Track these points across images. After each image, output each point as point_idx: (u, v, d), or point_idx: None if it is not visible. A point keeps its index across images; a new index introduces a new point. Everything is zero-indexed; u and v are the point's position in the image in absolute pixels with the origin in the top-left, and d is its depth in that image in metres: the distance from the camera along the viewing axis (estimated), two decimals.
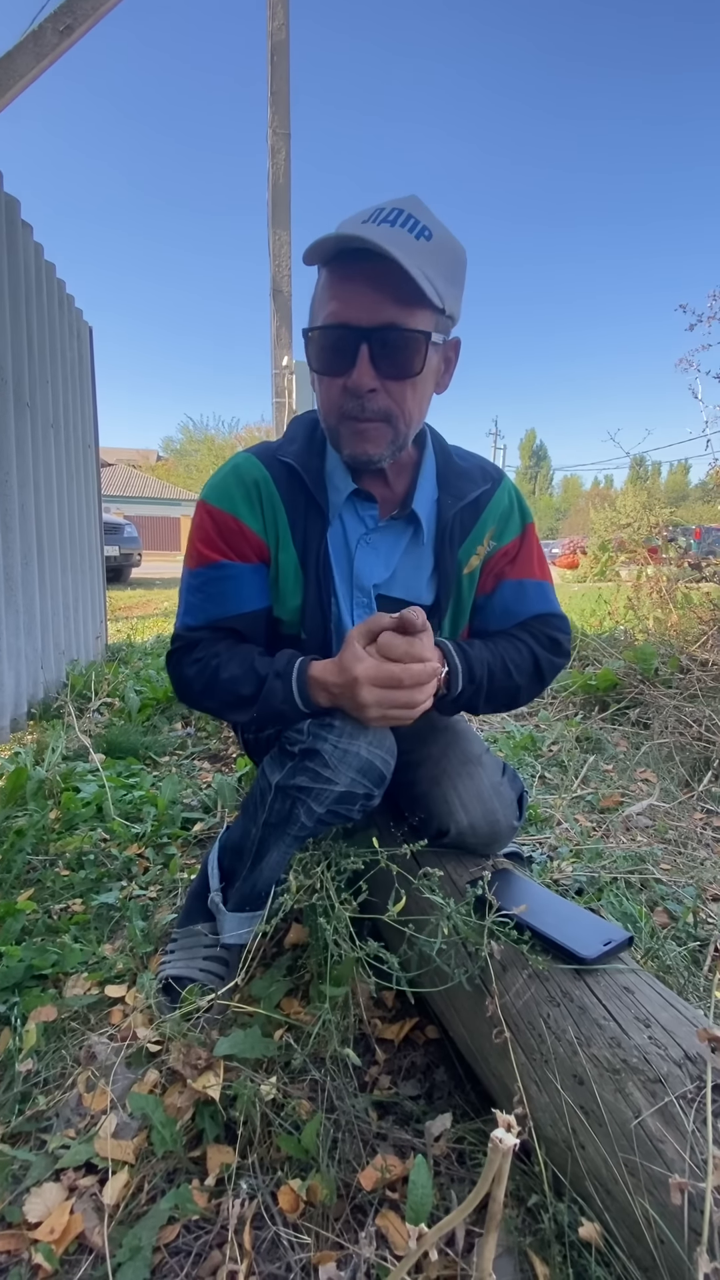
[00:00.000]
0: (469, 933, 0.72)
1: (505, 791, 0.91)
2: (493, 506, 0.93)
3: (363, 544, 0.89)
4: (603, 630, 3.38)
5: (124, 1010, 0.91)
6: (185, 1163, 0.69)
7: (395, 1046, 0.86)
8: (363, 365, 0.74)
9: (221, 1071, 0.74)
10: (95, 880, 1.23)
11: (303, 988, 0.93)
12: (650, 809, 1.59)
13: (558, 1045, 0.62)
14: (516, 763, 1.91)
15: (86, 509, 3.27)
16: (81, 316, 3.24)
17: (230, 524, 0.87)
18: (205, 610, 0.89)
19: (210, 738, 2.14)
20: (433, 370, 0.80)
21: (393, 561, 0.90)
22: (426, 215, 0.74)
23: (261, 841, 0.85)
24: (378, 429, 0.78)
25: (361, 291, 0.73)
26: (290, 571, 0.89)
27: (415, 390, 0.78)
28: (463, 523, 0.91)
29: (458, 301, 0.78)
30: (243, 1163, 0.68)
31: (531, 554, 0.97)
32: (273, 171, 4.91)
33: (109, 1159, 0.68)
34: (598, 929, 0.71)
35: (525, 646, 0.92)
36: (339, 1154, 0.68)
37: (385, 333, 0.73)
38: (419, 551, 0.91)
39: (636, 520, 4.20)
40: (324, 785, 0.78)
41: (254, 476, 0.88)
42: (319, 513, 0.87)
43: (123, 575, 9.44)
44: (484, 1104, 0.75)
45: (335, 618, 0.89)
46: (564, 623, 0.97)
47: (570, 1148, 0.57)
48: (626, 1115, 0.54)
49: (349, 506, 0.89)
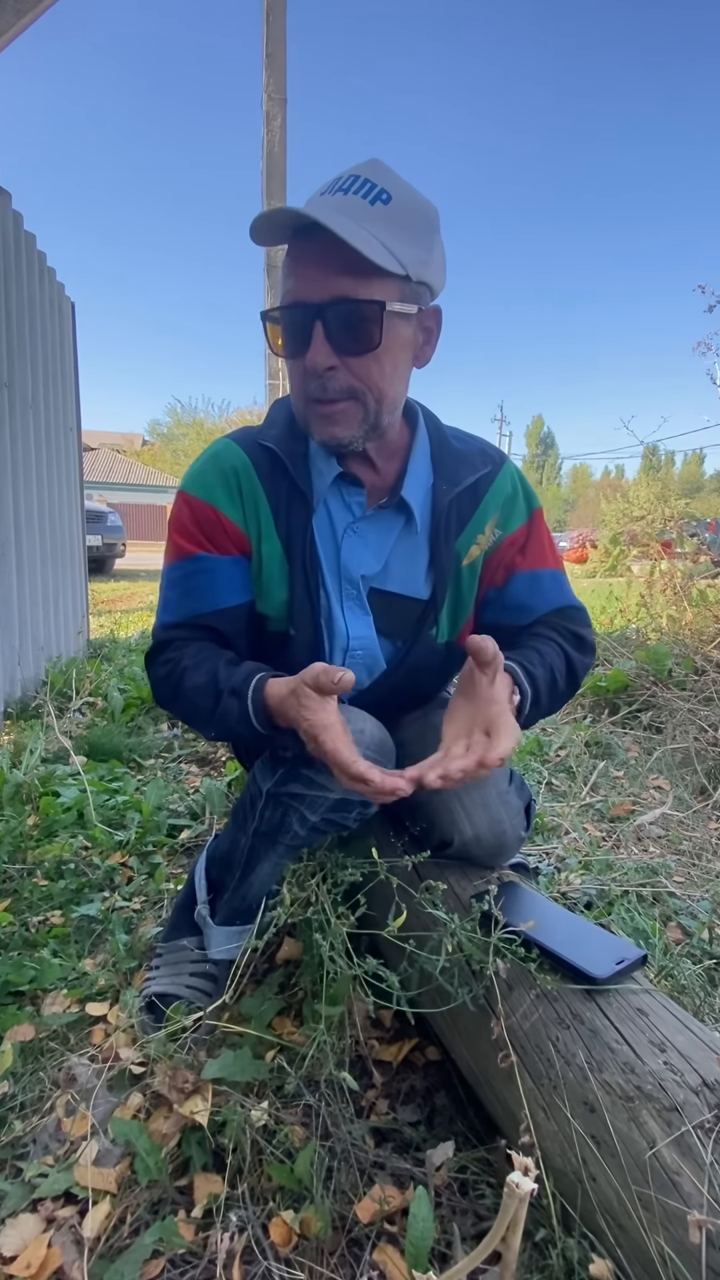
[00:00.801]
0: (473, 950, 0.72)
1: (512, 800, 0.90)
2: (494, 492, 0.92)
3: (350, 533, 0.88)
4: (614, 629, 3.39)
5: (106, 1030, 0.90)
6: (171, 1193, 0.69)
7: (394, 1069, 0.86)
8: (317, 343, 0.73)
9: (210, 1095, 0.74)
10: (75, 891, 1.23)
11: (296, 1006, 0.93)
12: (663, 818, 1.59)
13: (567, 1070, 0.61)
14: (522, 768, 1.91)
15: (67, 496, 3.26)
16: (63, 291, 3.22)
17: (208, 514, 0.86)
18: (183, 606, 0.89)
19: (198, 740, 2.13)
20: (405, 342, 0.77)
21: (384, 553, 0.89)
22: (386, 177, 0.73)
23: (252, 851, 0.85)
24: (345, 410, 0.77)
25: (312, 267, 0.72)
26: (274, 563, 0.88)
27: (382, 365, 0.76)
28: (460, 510, 0.90)
29: (430, 266, 0.76)
30: (232, 1193, 0.68)
31: (543, 541, 0.96)
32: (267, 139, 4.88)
33: (89, 1188, 0.67)
34: (609, 946, 0.71)
35: (559, 649, 0.89)
36: (334, 1184, 0.68)
37: (337, 306, 0.72)
38: (413, 542, 0.90)
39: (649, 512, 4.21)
40: (318, 792, 0.78)
41: (233, 464, 0.87)
42: (303, 500, 0.86)
43: (105, 566, 9.42)
44: (488, 1130, 0.75)
45: (326, 611, 0.89)
46: (585, 615, 0.96)
47: (580, 1179, 0.57)
48: (640, 1146, 0.54)
49: (334, 492, 0.88)
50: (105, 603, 6.06)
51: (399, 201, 0.72)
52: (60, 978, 1.00)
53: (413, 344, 0.80)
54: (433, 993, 0.76)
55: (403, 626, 0.93)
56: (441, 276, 0.79)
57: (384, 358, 0.76)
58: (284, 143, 4.92)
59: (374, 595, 0.90)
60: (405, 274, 0.72)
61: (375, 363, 0.75)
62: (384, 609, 0.91)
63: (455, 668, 1.02)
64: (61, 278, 3.17)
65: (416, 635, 0.92)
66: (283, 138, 4.91)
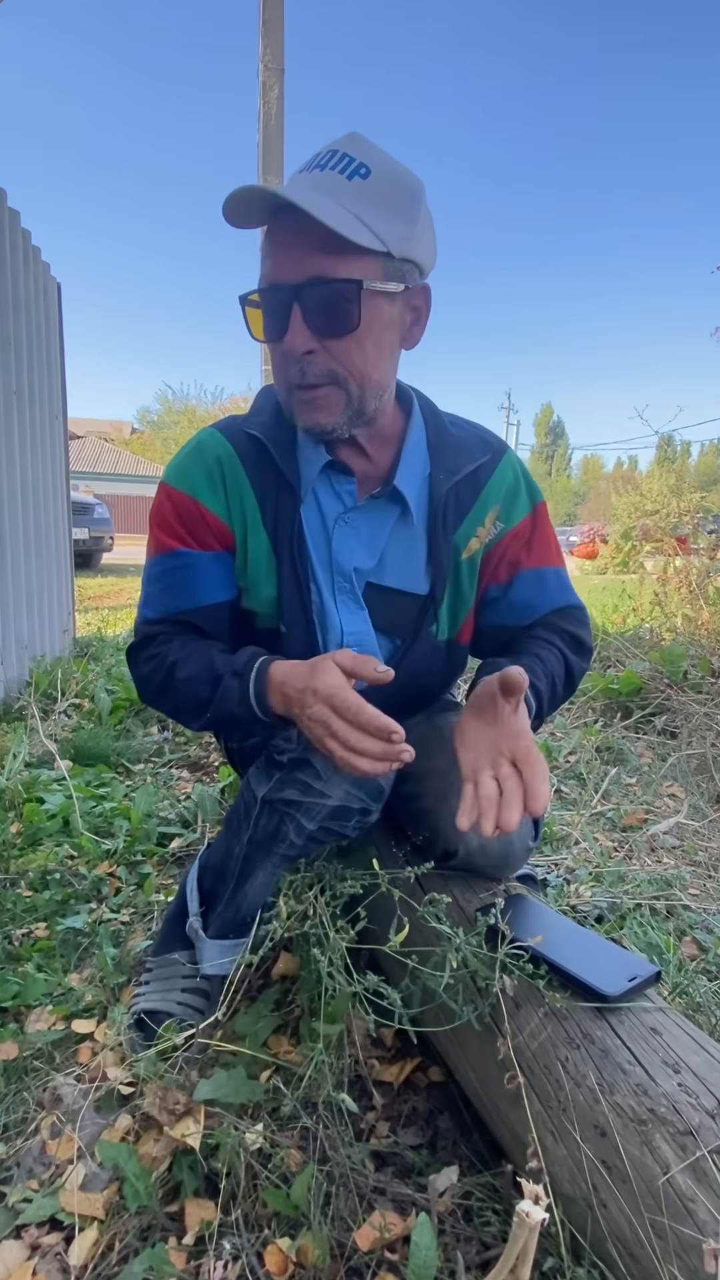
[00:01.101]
0: (478, 966, 0.72)
1: None
2: (495, 482, 0.92)
3: (341, 524, 0.88)
4: (626, 628, 3.39)
5: (93, 1048, 0.90)
6: (161, 1219, 0.69)
7: (395, 1090, 0.86)
8: (295, 326, 0.73)
9: (202, 1117, 0.74)
10: (61, 902, 1.23)
11: (292, 1024, 0.93)
12: (677, 827, 1.59)
13: (577, 1092, 0.62)
14: None
15: (53, 486, 3.25)
16: (49, 271, 3.22)
17: (190, 507, 0.87)
18: (163, 602, 0.89)
19: (190, 744, 2.13)
20: (389, 322, 0.77)
21: (378, 545, 0.89)
22: (366, 151, 0.73)
23: (246, 861, 0.85)
24: (327, 395, 0.77)
25: (287, 247, 0.72)
26: (261, 557, 0.88)
27: (364, 347, 0.76)
28: (459, 501, 0.90)
29: (414, 241, 0.75)
30: (225, 1219, 0.68)
31: (547, 537, 0.97)
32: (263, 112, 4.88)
33: (76, 1214, 0.68)
34: (621, 962, 0.71)
35: (559, 655, 0.91)
36: (332, 1210, 0.68)
37: (313, 287, 0.72)
38: (409, 534, 0.90)
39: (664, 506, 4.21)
40: (315, 799, 0.78)
41: (216, 454, 0.87)
42: (290, 490, 0.86)
43: (93, 561, 9.42)
44: (493, 1154, 0.75)
45: (318, 606, 0.89)
46: (585, 614, 0.98)
47: (591, 1206, 0.57)
48: (654, 1171, 0.54)
49: (323, 481, 0.88)
50: (92, 599, 6.06)
51: (379, 175, 0.72)
52: (45, 993, 1.00)
53: (399, 324, 0.79)
54: (436, 1010, 0.77)
55: (401, 623, 0.93)
56: (430, 252, 0.79)
57: (366, 339, 0.75)
58: (281, 116, 4.91)
59: (370, 590, 0.91)
60: (386, 251, 0.72)
61: (356, 345, 0.75)
62: (381, 605, 0.91)
63: (457, 668, 1.02)
64: (46, 257, 3.16)
65: (416, 633, 0.93)
66: (280, 111, 4.90)
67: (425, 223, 0.77)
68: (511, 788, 0.71)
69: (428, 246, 0.78)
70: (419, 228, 0.75)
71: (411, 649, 0.93)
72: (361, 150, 0.73)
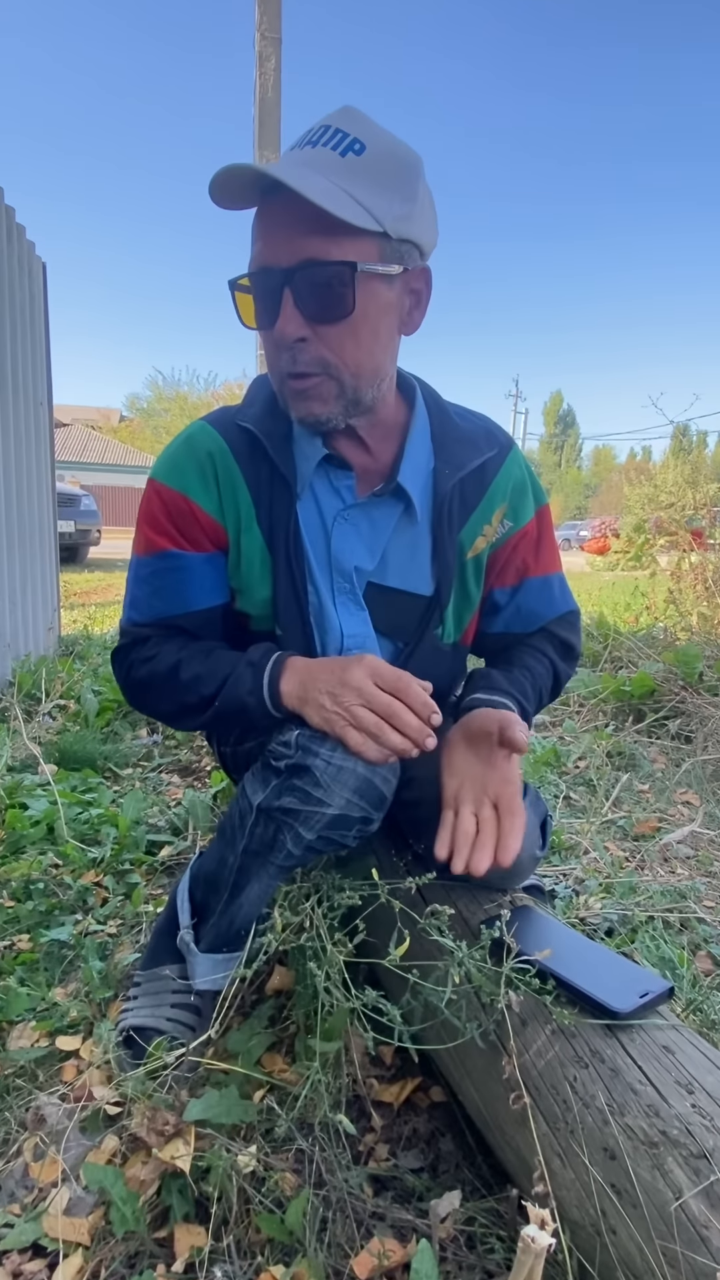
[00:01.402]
0: (483, 981, 0.72)
1: (527, 816, 0.91)
2: (502, 478, 0.92)
3: (340, 520, 0.88)
4: (638, 628, 3.39)
5: (78, 1066, 0.91)
6: (149, 1245, 0.69)
7: (394, 1111, 0.86)
8: (286, 311, 0.73)
9: (192, 1139, 0.74)
10: (45, 913, 1.23)
11: (287, 1041, 0.93)
12: (692, 836, 1.59)
13: (586, 1113, 0.62)
14: (538, 780, 1.92)
15: (37, 477, 3.25)
16: (34, 250, 3.22)
17: (180, 505, 0.87)
18: (152, 606, 0.90)
19: (180, 747, 2.14)
20: (386, 307, 0.76)
21: (379, 544, 0.90)
22: (360, 125, 0.72)
23: (241, 871, 0.85)
24: (319, 385, 0.77)
25: (277, 229, 0.72)
26: (255, 557, 0.88)
27: (358, 334, 0.75)
28: (465, 497, 0.90)
29: (413, 220, 0.74)
30: (216, 1245, 0.68)
31: (551, 541, 1.00)
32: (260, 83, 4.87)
33: (60, 1240, 0.68)
34: (633, 978, 0.71)
35: (549, 665, 0.98)
36: (329, 1236, 0.68)
37: (305, 270, 0.71)
38: (413, 532, 0.90)
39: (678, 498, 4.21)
40: (315, 808, 0.78)
41: (208, 448, 0.87)
42: (285, 485, 0.86)
43: (79, 555, 9.42)
44: (497, 1179, 0.75)
45: (315, 608, 0.89)
46: (579, 618, 1.04)
47: (599, 1232, 0.58)
48: (666, 1196, 0.54)
49: (321, 476, 0.88)
50: (78, 595, 6.06)
51: (374, 151, 0.71)
52: (28, 1008, 1.00)
53: (397, 309, 0.79)
54: (438, 1028, 0.77)
55: (404, 626, 0.93)
56: (430, 232, 0.78)
57: (361, 326, 0.75)
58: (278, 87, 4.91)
59: (371, 591, 0.91)
60: (383, 231, 0.71)
61: (351, 331, 0.75)
62: (383, 606, 0.91)
63: (461, 672, 1.03)
64: (31, 236, 3.16)
65: (420, 636, 0.93)
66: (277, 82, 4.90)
67: (424, 200, 0.76)
68: (488, 831, 0.77)
69: (427, 225, 0.77)
70: (417, 205, 0.74)
71: (415, 652, 0.93)
72: (356, 125, 0.72)
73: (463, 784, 0.82)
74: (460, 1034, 0.73)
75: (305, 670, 0.80)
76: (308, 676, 0.79)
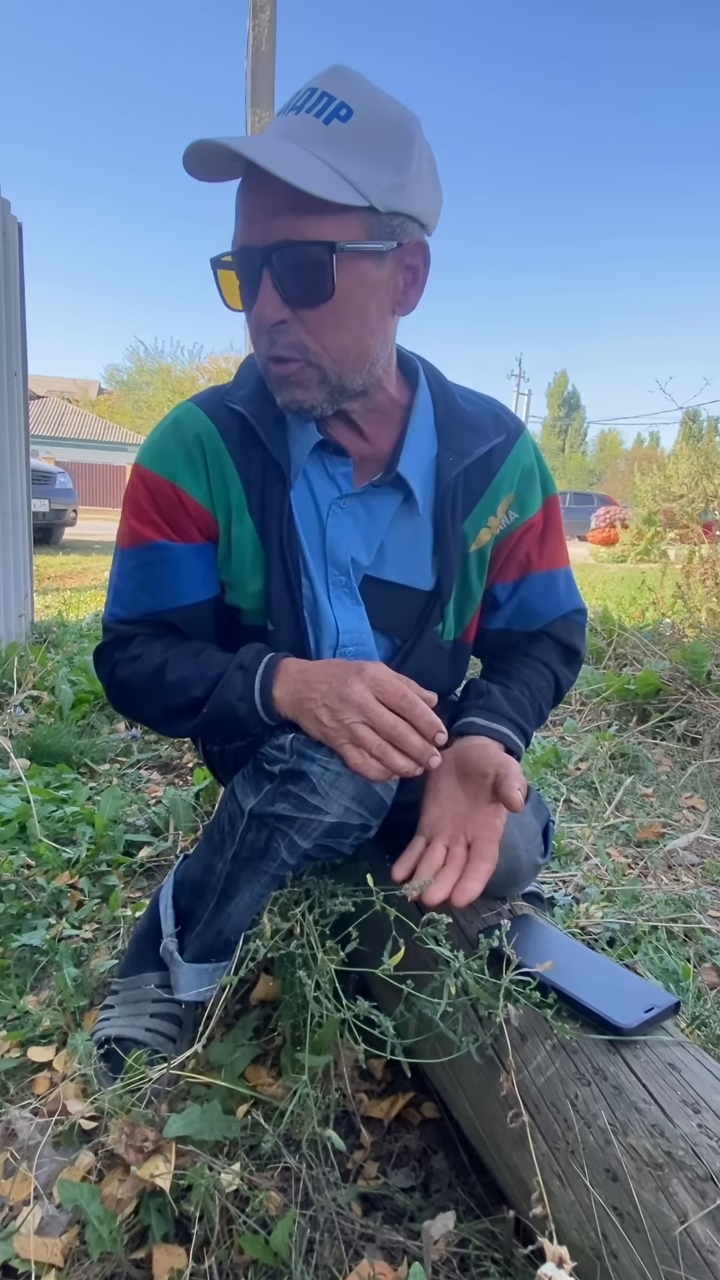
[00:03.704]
0: (480, 993, 0.73)
1: (528, 821, 0.91)
2: (509, 466, 0.92)
3: (336, 510, 0.87)
4: (645, 624, 3.41)
5: (51, 1078, 0.91)
6: (126, 1266, 0.69)
7: (385, 1127, 0.87)
8: (265, 293, 0.72)
9: (173, 1156, 0.74)
10: (16, 916, 1.23)
11: (273, 1054, 0.93)
12: (698, 843, 1.61)
13: (587, 1133, 0.62)
14: (538, 783, 1.93)
15: (10, 453, 3.22)
16: (9, 209, 3.17)
17: (167, 493, 0.86)
18: (138, 601, 0.90)
19: (160, 743, 2.13)
20: (375, 287, 0.74)
21: (376, 536, 0.89)
22: (349, 87, 0.70)
23: (230, 879, 0.85)
24: (300, 372, 0.76)
25: (256, 206, 0.71)
26: (247, 548, 0.88)
27: (342, 317, 0.73)
28: (469, 486, 0.90)
29: (407, 191, 0.72)
30: (197, 1267, 0.68)
31: (559, 533, 0.99)
32: (253, 35, 4.81)
33: (31, 1261, 0.68)
34: (637, 992, 0.72)
35: (549, 674, 0.99)
36: (316, 1258, 0.69)
37: (280, 250, 0.70)
38: (413, 523, 0.89)
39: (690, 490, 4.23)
40: (311, 815, 0.78)
41: (196, 431, 0.86)
42: (278, 472, 0.85)
43: (53, 536, 9.34)
44: (493, 1199, 0.76)
45: (309, 602, 0.89)
46: (584, 619, 1.03)
47: (600, 1256, 0.58)
48: (670, 1220, 0.55)
49: (315, 463, 0.87)
50: (53, 579, 6.02)
51: (362, 115, 0.69)
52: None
53: (388, 288, 0.76)
54: (432, 1041, 0.77)
55: (403, 622, 0.93)
56: (429, 201, 0.76)
57: (344, 309, 0.73)
58: (273, 39, 4.85)
59: (368, 585, 0.90)
60: (369, 205, 0.69)
61: (333, 315, 0.73)
62: (380, 601, 0.91)
63: (462, 671, 1.03)
64: (6, 194, 3.11)
65: (419, 633, 0.93)
66: (271, 33, 4.84)
67: (421, 168, 0.73)
68: (453, 867, 0.79)
69: (425, 195, 0.74)
70: (411, 174, 0.72)
71: (414, 650, 0.93)
72: (344, 87, 0.70)
73: (443, 816, 0.83)
74: (456, 1048, 0.73)
75: (300, 676, 0.79)
76: (303, 683, 0.78)
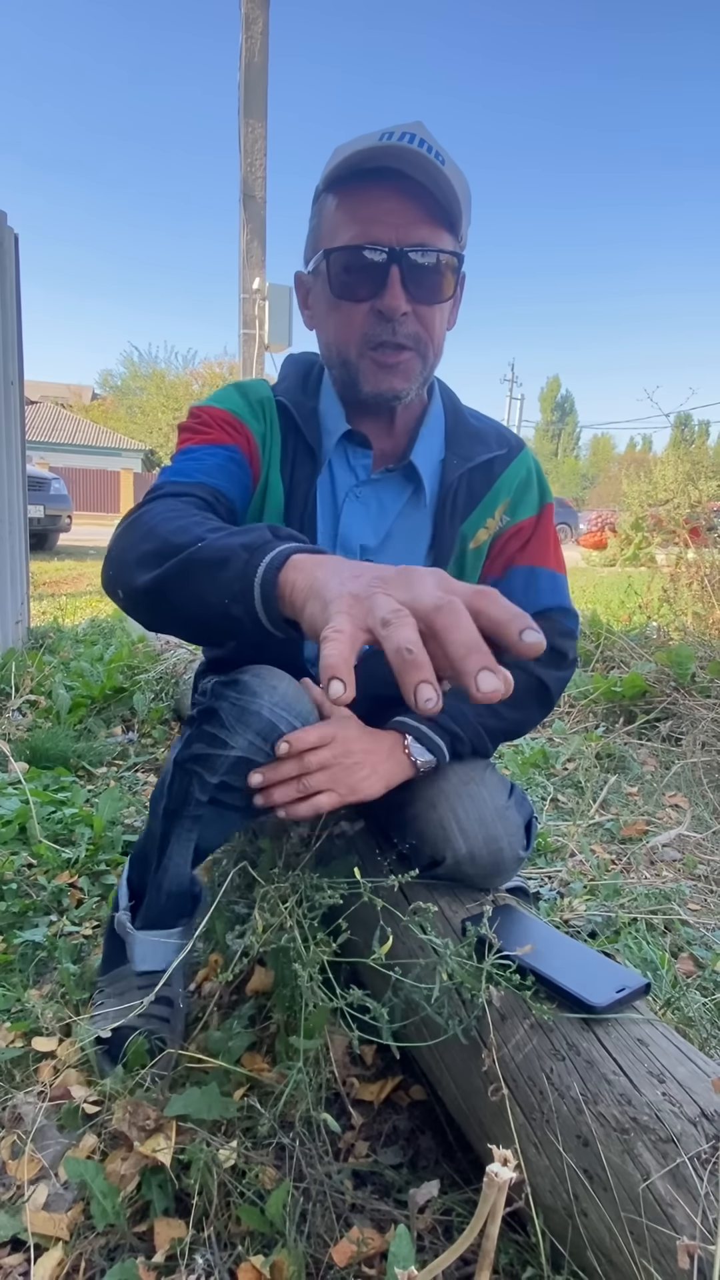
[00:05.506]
0: (465, 977, 0.77)
1: (511, 816, 0.95)
2: (509, 475, 1.00)
3: (351, 497, 0.95)
4: (631, 626, 3.46)
5: (54, 1065, 0.94)
6: (130, 1238, 0.73)
7: (375, 1109, 0.91)
8: (394, 287, 0.83)
9: (173, 1134, 0.78)
10: (18, 914, 1.26)
11: (267, 1042, 0.97)
12: (679, 840, 1.65)
13: (561, 1103, 0.67)
14: (525, 782, 1.97)
15: (7, 459, 3.25)
16: (5, 221, 3.21)
17: (229, 419, 0.93)
18: (183, 470, 0.87)
19: (157, 745, 2.16)
20: (455, 300, 0.92)
21: (384, 524, 0.96)
22: (434, 140, 0.82)
23: (164, 837, 0.88)
24: (409, 362, 0.89)
25: (391, 209, 0.83)
26: (275, 504, 0.96)
27: (443, 317, 0.90)
28: (471, 489, 0.97)
29: (466, 233, 0.90)
30: (197, 1236, 0.72)
31: (548, 539, 1.03)
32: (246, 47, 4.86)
33: (39, 1234, 0.71)
34: (610, 974, 0.76)
35: (529, 677, 0.99)
36: (309, 1227, 0.73)
37: (418, 252, 0.83)
38: (418, 516, 0.97)
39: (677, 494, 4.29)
40: (218, 750, 0.81)
41: (260, 395, 0.96)
42: (310, 456, 0.95)
43: (48, 542, 9.35)
44: (475, 1173, 0.80)
45: None
46: (574, 622, 1.04)
47: (571, 1215, 0.63)
48: (634, 1178, 0.59)
49: (339, 453, 0.96)
50: (48, 585, 6.03)
51: (449, 165, 0.83)
52: (2, 1010, 1.03)
53: (455, 303, 0.94)
54: (419, 1025, 0.81)
55: None
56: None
57: (448, 311, 0.91)
58: (266, 51, 4.90)
59: None
60: (460, 234, 0.87)
61: (440, 315, 0.89)
62: None
63: None
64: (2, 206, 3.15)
65: None
66: (264, 45, 4.89)
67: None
68: None
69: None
70: (469, 222, 0.90)
71: None
72: (431, 139, 0.82)
73: None
74: (442, 1030, 0.77)
75: (316, 567, 0.60)
76: (315, 581, 0.59)
